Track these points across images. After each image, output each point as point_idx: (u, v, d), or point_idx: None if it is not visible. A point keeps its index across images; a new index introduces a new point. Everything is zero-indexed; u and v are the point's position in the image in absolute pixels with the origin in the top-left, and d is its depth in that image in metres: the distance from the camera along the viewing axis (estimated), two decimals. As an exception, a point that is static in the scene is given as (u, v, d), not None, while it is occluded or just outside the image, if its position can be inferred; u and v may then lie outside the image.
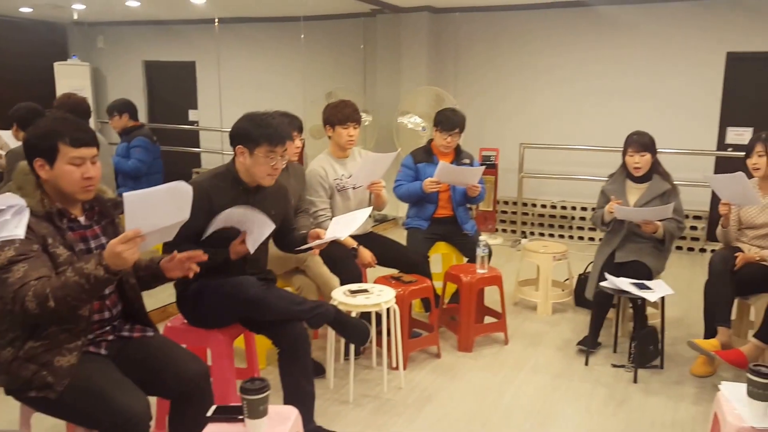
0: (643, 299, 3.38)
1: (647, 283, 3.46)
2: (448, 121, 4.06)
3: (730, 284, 3.40)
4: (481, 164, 6.64)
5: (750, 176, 3.54)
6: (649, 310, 3.98)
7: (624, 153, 3.79)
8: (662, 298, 3.49)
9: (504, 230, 7.11)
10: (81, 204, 2.14)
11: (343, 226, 2.86)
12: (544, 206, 6.92)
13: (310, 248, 2.83)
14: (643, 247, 3.72)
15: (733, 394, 2.19)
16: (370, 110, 7.14)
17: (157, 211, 1.97)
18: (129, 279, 2.23)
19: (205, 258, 2.21)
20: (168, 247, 2.50)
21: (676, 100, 6.38)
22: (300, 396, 2.60)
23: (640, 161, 3.71)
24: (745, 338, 3.59)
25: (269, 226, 2.52)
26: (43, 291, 1.85)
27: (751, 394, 2.07)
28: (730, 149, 6.18)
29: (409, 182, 4.11)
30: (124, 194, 1.85)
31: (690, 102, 6.33)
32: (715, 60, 6.18)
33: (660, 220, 3.62)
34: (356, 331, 2.81)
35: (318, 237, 2.79)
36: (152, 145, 4.90)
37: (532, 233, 6.97)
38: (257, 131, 2.57)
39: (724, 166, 6.07)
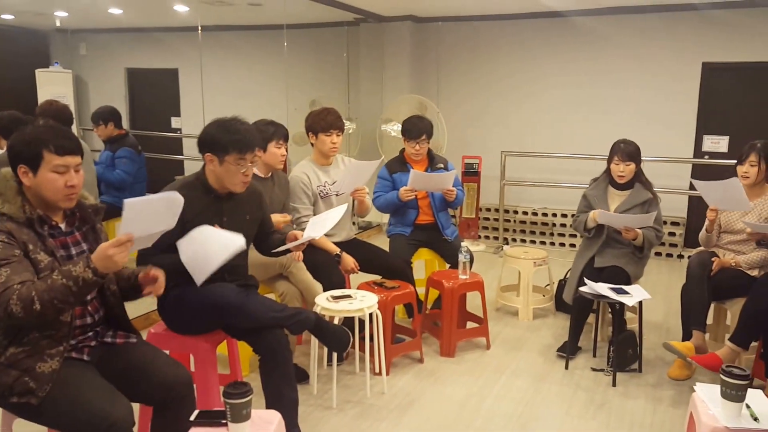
0: (622, 304, 3.44)
1: (625, 288, 3.51)
2: (414, 128, 4.10)
3: (707, 289, 3.46)
4: (464, 172, 6.78)
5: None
6: (628, 314, 4.04)
7: (609, 160, 3.84)
8: (640, 303, 3.56)
9: (486, 237, 7.17)
10: (62, 210, 2.14)
11: (320, 226, 2.86)
12: (525, 213, 6.99)
13: (288, 250, 2.84)
14: (621, 253, 3.78)
15: (707, 395, 2.24)
16: (354, 118, 7.18)
17: (151, 218, 2.01)
18: (110, 285, 2.23)
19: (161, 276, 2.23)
20: (141, 258, 2.50)
21: (654, 109, 6.50)
22: (282, 402, 2.59)
23: (625, 170, 3.77)
24: (722, 342, 3.65)
25: (238, 240, 2.38)
26: (29, 294, 1.85)
27: (725, 395, 2.12)
28: (706, 157, 6.31)
29: (386, 193, 4.15)
30: (125, 200, 1.88)
31: (667, 111, 6.45)
32: (691, 70, 6.32)
33: (640, 228, 3.69)
34: (336, 338, 2.81)
35: (296, 238, 2.81)
36: (137, 156, 4.89)
37: (514, 240, 7.04)
38: (226, 138, 2.54)
39: (700, 173, 6.19)
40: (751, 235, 3.40)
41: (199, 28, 5.75)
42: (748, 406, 2.14)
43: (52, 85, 6.59)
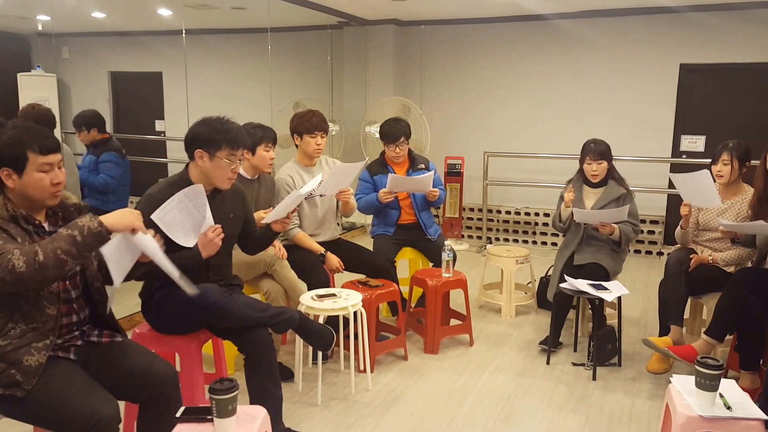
0: (601, 300, 3.51)
1: (604, 284, 3.58)
2: (392, 131, 4.13)
3: (684, 284, 3.54)
4: (447, 172, 6.85)
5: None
6: (608, 310, 4.12)
7: (582, 161, 3.92)
8: (619, 299, 3.63)
9: (470, 236, 7.25)
10: (45, 210, 2.16)
11: (295, 195, 2.88)
12: (508, 212, 7.08)
13: (274, 234, 2.89)
14: (600, 249, 3.85)
15: (683, 386, 2.30)
16: (337, 120, 7.23)
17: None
18: (94, 283, 2.24)
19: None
20: None
21: (633, 109, 6.61)
22: (267, 399, 2.61)
23: (597, 169, 3.85)
24: (698, 336, 3.73)
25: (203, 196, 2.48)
26: (32, 248, 1.87)
27: (699, 385, 2.18)
28: (684, 156, 6.43)
29: (367, 195, 4.20)
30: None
31: (646, 111, 6.57)
32: (669, 71, 6.44)
33: (616, 223, 3.76)
34: (320, 336, 2.84)
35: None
36: (122, 159, 4.86)
37: (497, 239, 7.12)
38: (218, 135, 2.58)
39: (678, 172, 6.28)
40: (723, 233, 3.47)
41: (183, 31, 5.76)
42: (721, 396, 2.20)
43: (35, 89, 6.56)
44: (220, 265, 2.78)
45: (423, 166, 4.28)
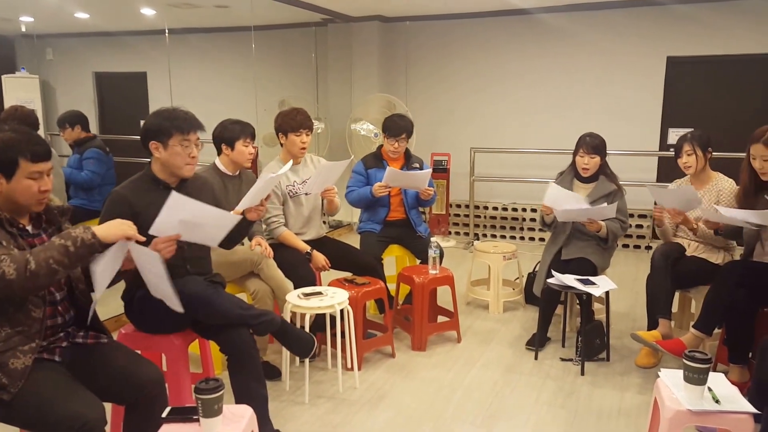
0: (589, 294, 3.51)
1: (592, 279, 3.58)
2: (395, 126, 4.15)
3: (671, 278, 3.54)
4: (433, 169, 6.83)
5: (681, 175, 3.72)
6: (596, 305, 4.12)
7: (575, 153, 3.89)
8: (607, 293, 3.63)
9: (457, 233, 7.24)
10: (29, 213, 2.15)
11: (270, 179, 2.80)
12: (495, 208, 7.08)
13: (249, 223, 2.84)
14: (587, 244, 3.84)
15: (671, 380, 2.30)
16: (323, 118, 7.20)
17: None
18: (79, 285, 2.23)
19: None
20: None
21: (620, 103, 6.63)
22: (252, 399, 2.58)
23: (589, 162, 3.83)
24: (687, 330, 3.73)
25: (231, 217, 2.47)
26: (23, 256, 1.88)
27: (687, 379, 2.18)
28: (671, 149, 6.42)
29: (360, 188, 4.18)
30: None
31: (633, 105, 6.58)
32: (656, 64, 6.45)
33: (604, 220, 3.75)
34: (300, 343, 2.83)
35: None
36: (105, 156, 4.86)
37: (484, 235, 7.12)
38: (167, 123, 2.57)
39: (666, 165, 6.33)
40: (706, 224, 3.47)
41: (166, 31, 5.72)
42: (710, 389, 2.20)
43: (19, 90, 6.50)
44: (198, 257, 2.75)
45: (417, 165, 4.29)
